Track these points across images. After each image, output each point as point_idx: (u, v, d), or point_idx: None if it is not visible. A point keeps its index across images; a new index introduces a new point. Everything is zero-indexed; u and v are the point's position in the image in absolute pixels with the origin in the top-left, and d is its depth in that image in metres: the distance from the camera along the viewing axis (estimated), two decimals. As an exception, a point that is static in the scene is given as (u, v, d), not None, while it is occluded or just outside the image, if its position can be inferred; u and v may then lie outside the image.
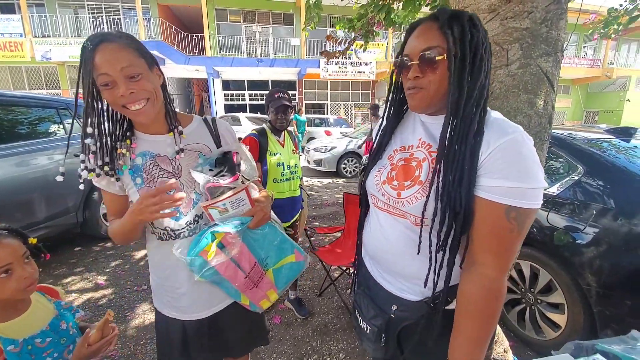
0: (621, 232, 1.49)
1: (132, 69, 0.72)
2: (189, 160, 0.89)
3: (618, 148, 1.86)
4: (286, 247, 0.97)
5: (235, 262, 0.87)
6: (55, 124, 3.03)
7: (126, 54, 0.72)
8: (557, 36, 1.24)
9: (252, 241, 0.90)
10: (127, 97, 0.72)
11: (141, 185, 0.85)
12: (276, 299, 1.00)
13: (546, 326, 1.80)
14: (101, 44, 0.70)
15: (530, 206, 0.58)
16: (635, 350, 0.71)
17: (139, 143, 0.85)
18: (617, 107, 17.01)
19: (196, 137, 0.93)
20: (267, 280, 0.95)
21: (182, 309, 0.94)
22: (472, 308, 0.64)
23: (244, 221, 0.85)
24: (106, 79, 0.71)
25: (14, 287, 0.76)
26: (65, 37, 12.90)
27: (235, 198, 0.81)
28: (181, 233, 0.88)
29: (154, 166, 0.86)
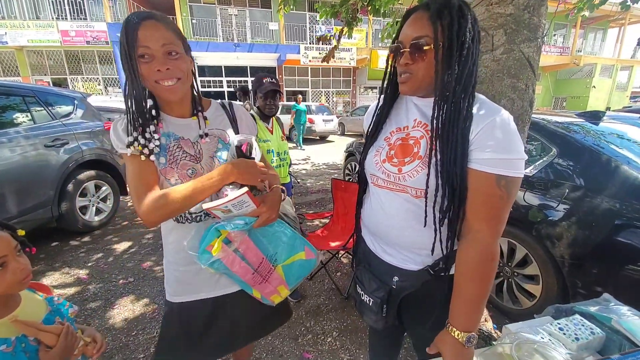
0: (590, 207, 1.62)
1: (172, 47, 0.77)
2: (210, 145, 0.91)
3: (588, 131, 1.99)
4: (296, 244, 0.96)
5: (243, 257, 0.88)
6: (21, 113, 2.83)
7: (169, 33, 0.77)
8: (538, 22, 1.29)
9: (260, 237, 0.91)
10: (163, 72, 0.76)
11: (165, 165, 0.85)
12: (287, 294, 1.01)
13: (522, 296, 1.95)
14: (147, 19, 0.75)
15: (517, 174, 0.67)
16: (608, 309, 0.80)
17: (163, 124, 0.87)
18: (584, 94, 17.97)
19: (216, 122, 0.94)
20: (277, 276, 0.95)
21: (190, 290, 0.95)
22: (470, 271, 0.69)
23: (248, 221, 0.85)
24: (146, 51, 0.74)
25: (10, 279, 0.73)
26: (22, 19, 11.83)
27: (238, 201, 0.81)
28: (198, 216, 0.90)
29: (177, 148, 0.87)
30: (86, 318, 2.01)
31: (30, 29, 11.42)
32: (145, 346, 1.78)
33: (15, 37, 11.40)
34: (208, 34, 13.71)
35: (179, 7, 12.69)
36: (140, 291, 2.30)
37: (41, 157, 2.80)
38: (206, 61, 14.18)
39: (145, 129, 0.81)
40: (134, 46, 0.73)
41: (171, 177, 0.85)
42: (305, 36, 14.92)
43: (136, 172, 0.82)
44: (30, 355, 0.75)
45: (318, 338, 1.85)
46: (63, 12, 12.37)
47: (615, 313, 0.77)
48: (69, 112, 3.29)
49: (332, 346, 1.79)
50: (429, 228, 0.74)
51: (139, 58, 0.75)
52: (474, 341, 0.68)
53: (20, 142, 2.65)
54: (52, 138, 2.91)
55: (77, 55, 13.15)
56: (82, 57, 13.22)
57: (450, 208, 0.71)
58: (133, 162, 0.83)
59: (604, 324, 0.76)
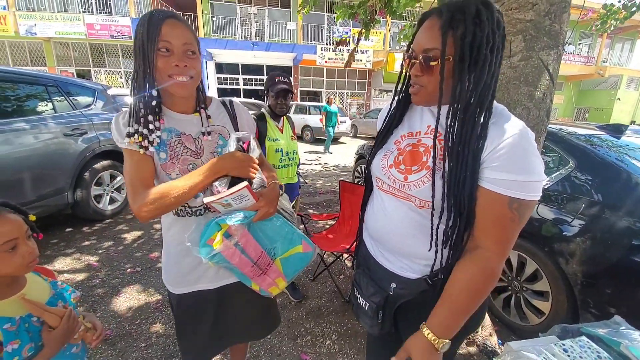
0: (607, 225, 1.55)
1: (192, 46, 0.82)
2: (211, 141, 0.93)
3: (609, 144, 1.91)
4: (294, 238, 0.99)
5: (243, 250, 0.89)
6: (43, 102, 2.94)
7: (188, 34, 0.82)
8: (560, 29, 1.25)
9: (259, 231, 0.92)
10: (180, 68, 0.80)
11: (165, 160, 0.87)
12: (285, 286, 1.04)
13: (530, 313, 1.88)
14: (171, 18, 0.79)
15: (531, 198, 0.62)
16: (618, 333, 0.76)
17: (165, 119, 0.88)
18: (608, 106, 17.33)
19: (217, 119, 0.96)
20: (275, 268, 0.97)
21: (190, 281, 0.98)
22: (467, 285, 0.67)
23: (247, 215, 0.87)
24: (167, 45, 0.78)
25: (19, 262, 0.76)
26: (51, 11, 12.32)
27: (238, 195, 0.83)
28: (197, 210, 0.93)
29: (179, 143, 0.89)
30: (93, 304, 2.06)
31: (58, 21, 11.88)
32: (147, 335, 1.81)
33: (44, 29, 11.89)
34: (227, 32, 13.92)
35: (200, 5, 12.93)
36: (146, 281, 2.35)
37: (60, 145, 2.90)
38: (224, 58, 14.41)
39: (148, 121, 0.82)
40: (155, 39, 0.76)
41: (172, 172, 0.87)
42: (322, 37, 14.95)
43: (133, 167, 0.83)
44: (32, 336, 0.77)
45: (317, 340, 1.84)
46: (90, 6, 12.82)
47: (625, 338, 0.73)
48: (89, 103, 3.39)
49: (330, 349, 1.78)
50: (425, 237, 0.72)
51: (158, 51, 0.77)
52: (445, 346, 0.67)
53: (41, 130, 2.75)
54: (71, 127, 3.01)
55: (101, 48, 13.59)
56: (105, 50, 13.65)
57: (454, 227, 0.68)
58: (132, 156, 0.83)
59: (613, 348, 0.72)
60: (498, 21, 0.63)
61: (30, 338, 0.77)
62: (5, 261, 0.75)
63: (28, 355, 0.75)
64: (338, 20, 3.98)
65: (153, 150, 0.85)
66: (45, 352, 0.77)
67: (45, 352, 0.77)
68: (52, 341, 0.78)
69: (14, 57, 13.20)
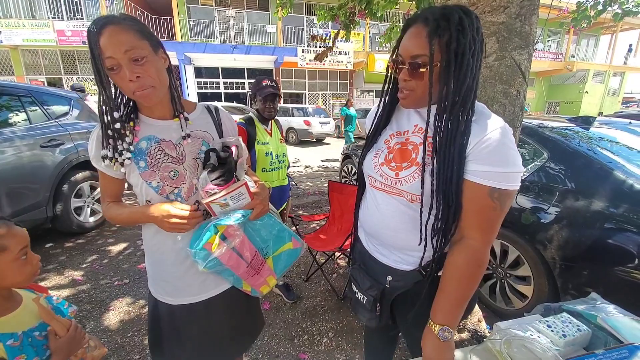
0: (581, 210, 1.66)
1: (135, 52, 0.72)
2: (193, 146, 0.90)
3: (579, 135, 2.03)
4: (284, 235, 1.01)
5: (238, 252, 0.90)
6: (16, 112, 2.81)
7: (129, 36, 0.72)
8: (530, 30, 1.34)
9: (252, 231, 0.93)
10: (135, 81, 0.73)
11: (145, 169, 0.85)
12: (275, 284, 1.05)
13: (514, 297, 1.98)
14: (105, 26, 0.70)
15: (510, 187, 0.67)
16: (595, 308, 0.83)
17: (142, 127, 0.86)
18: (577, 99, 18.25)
19: (200, 124, 0.94)
20: (267, 267, 0.99)
21: (174, 293, 0.95)
22: (457, 273, 0.72)
23: (244, 214, 0.87)
24: (112, 62, 0.71)
25: (30, 271, 0.78)
26: (17, 17, 11.73)
27: (236, 193, 0.84)
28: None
29: (159, 151, 0.86)
30: (81, 319, 2.00)
31: (25, 28, 11.34)
32: (141, 347, 1.78)
33: (10, 36, 11.31)
34: (205, 36, 13.71)
35: (176, 8, 12.67)
36: (135, 292, 2.30)
37: (36, 157, 2.78)
38: (203, 62, 14.17)
39: (116, 144, 0.81)
40: (99, 58, 0.71)
41: (152, 180, 0.85)
42: (302, 39, 14.98)
43: (103, 185, 0.93)
44: (37, 350, 0.76)
45: (314, 339, 1.86)
46: (59, 11, 12.29)
47: (601, 311, 0.80)
48: (65, 112, 3.28)
49: (328, 347, 1.80)
50: (417, 230, 0.76)
51: (109, 71, 0.72)
52: (449, 335, 0.70)
53: (15, 142, 2.63)
54: (47, 138, 2.90)
55: (72, 55, 13.05)
56: (77, 57, 13.12)
57: (443, 218, 0.72)
58: (103, 177, 0.91)
59: (590, 321, 0.79)
60: (477, 28, 0.68)
61: (35, 352, 0.76)
62: (19, 269, 0.76)
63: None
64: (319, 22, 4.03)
65: (124, 171, 0.87)
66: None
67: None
68: (60, 349, 0.78)
69: (-23, 66, 12.48)
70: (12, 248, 0.74)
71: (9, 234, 0.75)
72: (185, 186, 0.89)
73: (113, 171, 0.87)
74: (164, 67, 0.82)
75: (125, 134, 0.82)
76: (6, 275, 0.74)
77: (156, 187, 0.86)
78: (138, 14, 12.48)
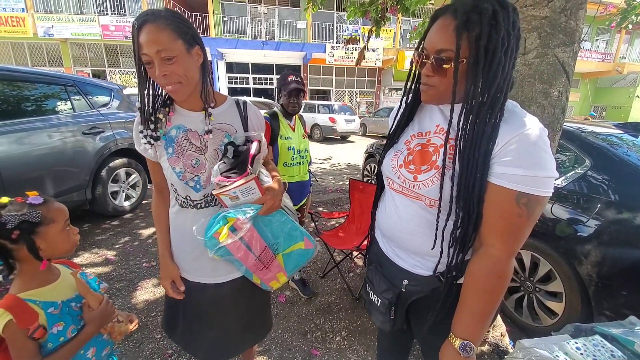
0: (624, 225, 1.52)
1: (167, 52, 0.77)
2: (216, 138, 0.95)
3: (627, 143, 1.86)
4: (296, 234, 1.01)
5: (247, 245, 0.92)
6: (62, 101, 3.04)
7: (163, 37, 0.76)
8: (576, 26, 1.23)
9: (263, 226, 0.95)
10: (160, 78, 0.79)
11: (172, 155, 0.92)
12: (285, 281, 1.06)
13: (543, 313, 1.86)
14: (144, 24, 0.76)
15: (541, 193, 0.61)
16: (633, 333, 0.75)
17: (175, 115, 0.93)
18: (626, 104, 16.78)
19: (226, 117, 0.98)
20: (277, 263, 1.00)
21: (190, 271, 1.02)
22: (477, 286, 0.67)
23: (254, 208, 0.89)
24: (147, 58, 0.78)
25: (74, 240, 0.88)
26: (67, 13, 12.65)
27: (245, 187, 0.85)
28: (199, 204, 0.95)
29: (185, 139, 0.92)
30: (111, 296, 2.13)
31: (74, 23, 12.22)
32: (163, 328, 1.86)
33: (61, 30, 12.24)
34: (238, 32, 14.04)
35: (211, 5, 13.08)
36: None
37: (79, 143, 2.99)
38: (234, 58, 14.54)
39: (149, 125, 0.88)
40: (137, 52, 0.78)
41: (176, 166, 0.92)
42: (332, 35, 14.92)
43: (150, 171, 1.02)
44: (73, 319, 0.84)
45: (327, 336, 1.86)
46: (104, 7, 13.11)
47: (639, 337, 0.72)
48: (106, 103, 3.49)
49: (340, 345, 1.80)
50: (438, 238, 0.72)
51: (145, 64, 0.80)
52: (470, 350, 0.66)
53: (60, 128, 2.85)
54: (89, 126, 3.11)
55: (115, 49, 13.90)
56: (120, 51, 13.96)
57: (463, 226, 0.68)
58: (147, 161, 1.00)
59: (627, 347, 0.71)
60: (514, 22, 0.62)
61: (72, 320, 0.83)
62: (66, 238, 0.85)
63: (72, 336, 0.82)
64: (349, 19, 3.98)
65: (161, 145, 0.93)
66: (88, 330, 0.85)
67: (88, 330, 0.85)
68: (94, 320, 0.86)
69: (32, 58, 13.62)
70: (59, 220, 0.83)
71: (55, 208, 0.83)
72: (204, 175, 0.93)
73: (149, 153, 0.95)
74: (197, 64, 0.85)
75: (159, 117, 0.89)
76: (56, 244, 0.82)
77: (179, 173, 0.92)
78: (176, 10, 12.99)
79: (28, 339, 0.74)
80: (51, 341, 0.78)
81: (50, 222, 0.80)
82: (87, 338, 0.85)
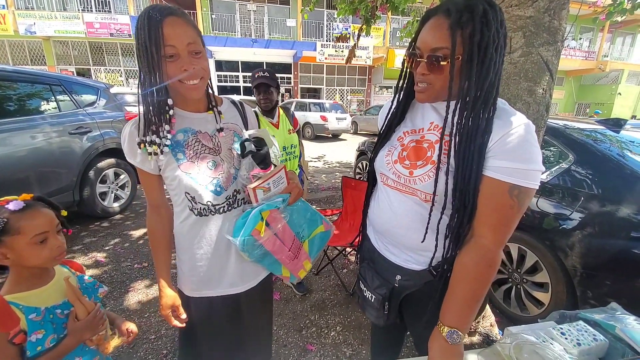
0: (606, 217, 1.58)
1: (197, 46, 0.77)
2: (227, 138, 0.93)
3: (609, 139, 1.93)
4: (316, 218, 1.03)
5: (279, 237, 0.92)
6: (48, 100, 2.96)
7: (192, 31, 0.76)
8: (559, 26, 1.27)
9: (289, 216, 0.95)
10: (190, 71, 0.76)
11: (183, 161, 0.85)
12: (310, 267, 1.06)
13: (530, 304, 1.92)
14: (170, 16, 0.73)
15: (531, 185, 0.65)
16: (614, 318, 0.79)
17: (178, 119, 0.86)
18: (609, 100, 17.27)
19: (229, 117, 0.97)
20: (303, 251, 1.01)
21: (216, 286, 0.95)
22: (466, 274, 0.70)
23: (284, 198, 0.90)
24: (172, 50, 0.74)
25: (47, 255, 0.78)
26: (50, 10, 12.28)
27: (277, 177, 0.87)
28: (221, 208, 0.90)
29: (196, 142, 0.88)
30: (102, 299, 2.10)
31: (57, 20, 11.87)
32: (157, 328, 1.86)
33: (43, 28, 11.87)
34: (227, 29, 13.89)
35: (199, 2, 12.88)
36: (153, 276, 2.39)
37: (65, 143, 2.93)
38: (223, 56, 14.38)
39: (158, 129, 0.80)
40: (159, 44, 0.71)
41: (191, 171, 0.86)
42: (322, 33, 14.90)
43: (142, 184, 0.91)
44: (56, 327, 0.79)
45: (322, 331, 1.88)
46: (88, 4, 12.78)
47: (620, 322, 0.76)
48: (93, 102, 3.42)
49: (335, 340, 1.82)
50: (432, 232, 0.74)
51: (166, 57, 0.73)
52: (458, 338, 0.69)
53: (45, 129, 2.78)
54: (76, 126, 3.04)
55: (100, 47, 13.56)
56: (105, 49, 13.63)
57: (459, 218, 0.70)
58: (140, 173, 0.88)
59: (608, 331, 0.75)
60: (502, 20, 0.65)
61: (54, 329, 0.78)
62: (34, 253, 0.76)
63: (50, 346, 0.76)
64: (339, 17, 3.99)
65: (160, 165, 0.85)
66: (67, 342, 0.78)
67: (67, 342, 0.78)
68: (76, 331, 0.80)
69: (13, 56, 13.18)
70: (27, 232, 0.74)
71: (25, 217, 0.75)
72: (223, 176, 0.90)
73: (148, 165, 0.85)
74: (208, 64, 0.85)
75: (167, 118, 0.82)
76: (23, 257, 0.75)
77: (195, 178, 0.86)
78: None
79: (8, 344, 0.70)
80: (29, 349, 0.73)
81: (15, 233, 0.73)
82: (67, 350, 0.78)
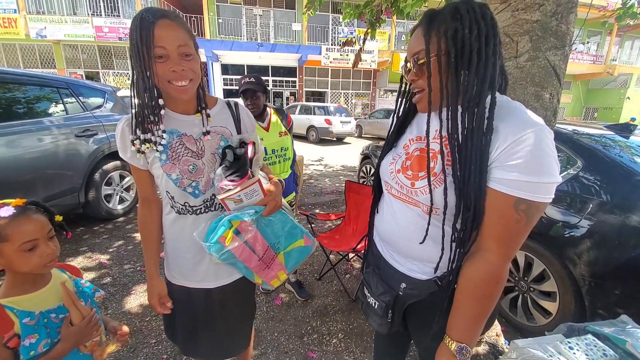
0: (616, 225, 1.54)
1: (187, 48, 0.78)
2: (212, 142, 0.93)
3: (619, 144, 1.89)
4: (296, 232, 1.02)
5: (250, 246, 0.92)
6: (55, 103, 3.00)
7: (183, 34, 0.78)
8: (566, 30, 1.25)
9: (265, 227, 0.95)
10: (178, 73, 0.78)
11: (166, 162, 0.88)
12: (286, 278, 1.07)
13: (537, 313, 1.88)
14: (162, 19, 0.75)
15: (541, 200, 0.59)
16: (624, 332, 0.76)
17: (166, 119, 0.87)
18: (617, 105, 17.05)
19: (220, 120, 0.96)
20: (278, 262, 1.01)
21: (192, 278, 1.00)
22: (472, 289, 0.67)
23: (257, 210, 0.90)
24: (162, 51, 0.75)
25: (36, 262, 0.77)
26: (60, 14, 12.52)
27: (249, 190, 0.87)
28: (198, 209, 0.93)
29: (180, 145, 0.89)
30: (104, 301, 2.10)
31: (67, 24, 12.09)
32: (158, 332, 1.85)
33: (54, 32, 12.10)
34: (233, 33, 14.02)
35: (206, 7, 13.04)
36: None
37: (72, 146, 2.96)
38: (230, 59, 14.51)
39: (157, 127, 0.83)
40: (149, 45, 0.73)
41: (172, 173, 0.88)
42: (327, 37, 14.96)
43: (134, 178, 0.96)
44: (50, 332, 0.78)
45: (323, 338, 1.86)
46: (98, 8, 13.00)
47: (631, 336, 0.74)
48: (100, 105, 3.46)
49: (337, 347, 1.79)
50: (434, 241, 0.73)
51: (156, 58, 0.75)
52: (467, 353, 0.67)
53: (53, 131, 2.81)
54: (82, 128, 3.08)
55: (109, 51, 13.78)
56: (114, 53, 13.85)
57: (462, 228, 0.67)
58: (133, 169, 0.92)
59: (618, 346, 0.73)
60: (483, 11, 0.64)
61: (48, 334, 0.78)
62: (23, 260, 0.76)
63: (43, 351, 0.76)
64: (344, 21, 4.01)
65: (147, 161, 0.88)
66: (60, 347, 0.78)
67: (60, 347, 0.78)
68: (69, 337, 0.79)
69: (24, 59, 13.45)
70: (15, 239, 0.74)
71: (14, 224, 0.74)
72: (202, 180, 0.91)
73: (138, 161, 0.89)
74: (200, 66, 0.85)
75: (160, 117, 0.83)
76: (12, 263, 0.75)
77: (175, 180, 0.88)
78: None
79: (2, 347, 0.70)
80: (22, 353, 0.72)
81: (2, 240, 0.73)
82: (59, 355, 0.77)
